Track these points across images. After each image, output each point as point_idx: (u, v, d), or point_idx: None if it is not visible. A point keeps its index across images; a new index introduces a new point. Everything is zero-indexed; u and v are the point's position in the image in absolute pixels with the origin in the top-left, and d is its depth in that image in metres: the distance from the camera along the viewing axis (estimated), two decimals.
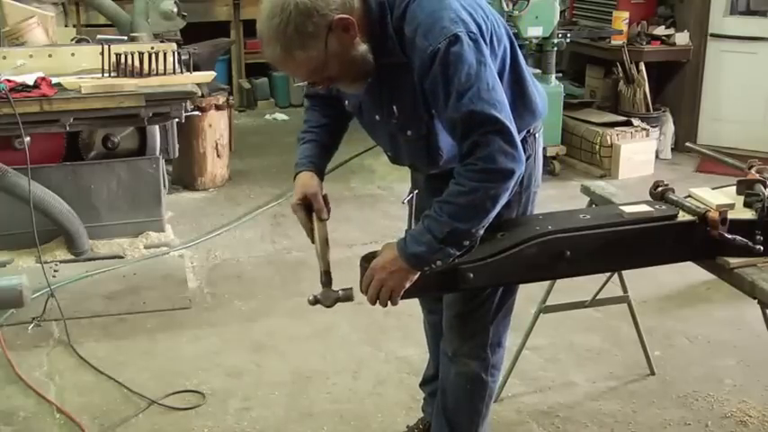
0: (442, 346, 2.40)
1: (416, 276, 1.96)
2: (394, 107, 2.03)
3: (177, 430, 2.91)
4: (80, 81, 3.63)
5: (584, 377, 3.24)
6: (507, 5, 5.11)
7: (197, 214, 4.96)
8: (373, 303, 1.98)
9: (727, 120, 6.16)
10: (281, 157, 5.98)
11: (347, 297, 2.02)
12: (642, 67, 6.02)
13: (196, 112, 4.75)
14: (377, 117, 2.12)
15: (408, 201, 2.21)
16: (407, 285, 1.96)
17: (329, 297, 2.02)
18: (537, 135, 2.22)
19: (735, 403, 3.06)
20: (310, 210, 2.16)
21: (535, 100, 2.13)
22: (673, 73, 6.33)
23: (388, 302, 1.98)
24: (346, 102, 2.21)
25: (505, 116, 1.86)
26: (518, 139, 1.89)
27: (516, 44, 2.09)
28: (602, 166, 5.74)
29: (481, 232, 1.95)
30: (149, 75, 3.70)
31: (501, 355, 2.38)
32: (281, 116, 7.40)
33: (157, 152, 4.09)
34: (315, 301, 2.03)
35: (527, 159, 2.16)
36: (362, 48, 1.89)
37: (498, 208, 1.92)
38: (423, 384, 2.79)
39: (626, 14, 6.06)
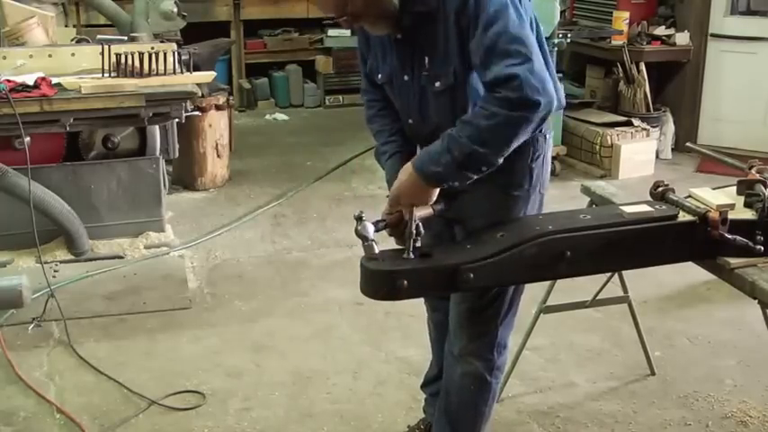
0: (447, 345, 2.40)
1: (438, 190, 2.04)
2: (426, 58, 2.07)
3: (177, 430, 2.90)
4: (80, 81, 3.63)
5: (584, 377, 3.24)
6: None
7: (197, 214, 4.96)
8: (401, 223, 2.04)
9: (728, 120, 6.16)
10: (281, 158, 5.97)
11: (361, 232, 2.02)
12: (642, 67, 6.02)
13: (196, 113, 4.75)
14: (405, 78, 2.15)
15: None
16: (432, 199, 2.04)
17: (366, 227, 2.03)
18: (547, 136, 2.21)
19: (735, 403, 3.06)
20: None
21: (556, 85, 2.11)
22: (673, 73, 6.33)
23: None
24: (378, 75, 2.23)
25: (530, 51, 1.91)
26: (545, 73, 1.93)
27: (542, 33, 2.11)
28: (602, 166, 5.74)
29: (500, 161, 1.98)
30: (149, 75, 3.70)
31: (505, 357, 2.38)
32: (281, 116, 7.40)
33: (157, 152, 4.09)
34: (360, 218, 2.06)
35: (536, 159, 2.17)
36: None
37: (520, 139, 1.95)
38: (424, 386, 2.78)
39: (626, 14, 6.06)
